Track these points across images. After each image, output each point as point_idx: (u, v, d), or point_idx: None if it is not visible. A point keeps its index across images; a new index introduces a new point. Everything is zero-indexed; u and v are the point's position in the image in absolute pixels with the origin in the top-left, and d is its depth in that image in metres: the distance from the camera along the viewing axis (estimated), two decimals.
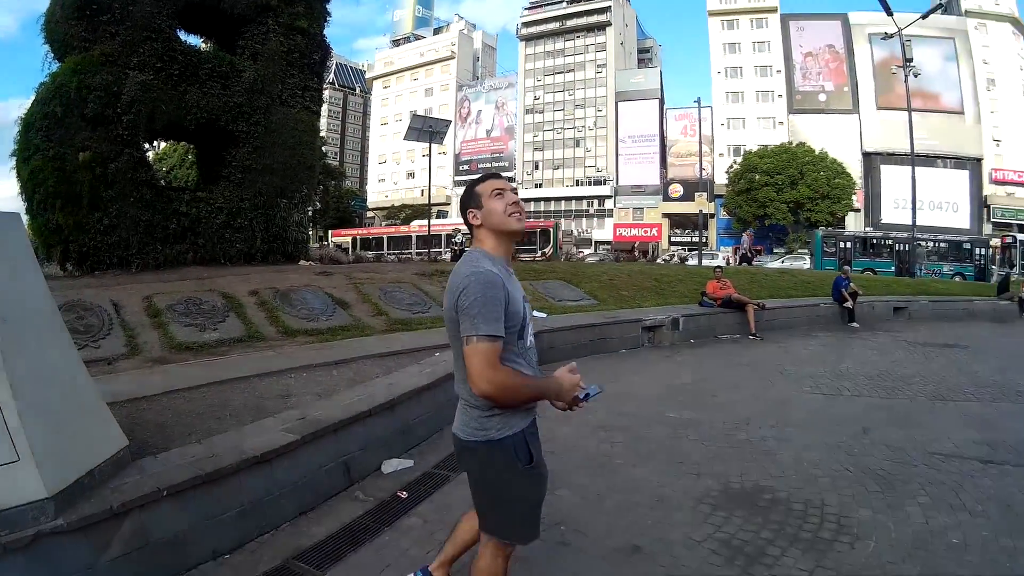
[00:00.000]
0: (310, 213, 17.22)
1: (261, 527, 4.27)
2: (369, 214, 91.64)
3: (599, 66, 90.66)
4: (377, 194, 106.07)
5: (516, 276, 2.87)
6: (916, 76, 37.31)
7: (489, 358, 2.49)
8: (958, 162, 73.73)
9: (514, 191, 2.85)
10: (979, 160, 74.39)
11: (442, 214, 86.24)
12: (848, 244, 44.71)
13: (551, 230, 43.16)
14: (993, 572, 3.96)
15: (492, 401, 2.59)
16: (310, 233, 22.78)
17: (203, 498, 3.91)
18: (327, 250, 32.09)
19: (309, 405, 5.60)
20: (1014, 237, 44.50)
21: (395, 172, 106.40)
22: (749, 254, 35.76)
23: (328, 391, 6.25)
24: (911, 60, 36.36)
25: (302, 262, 15.53)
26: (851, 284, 18.16)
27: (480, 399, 2.63)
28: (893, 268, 42.04)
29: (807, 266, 42.99)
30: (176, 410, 5.43)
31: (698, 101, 54.06)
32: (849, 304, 17.66)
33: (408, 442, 6.11)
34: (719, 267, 17.68)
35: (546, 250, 36.77)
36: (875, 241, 45.19)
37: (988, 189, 73.86)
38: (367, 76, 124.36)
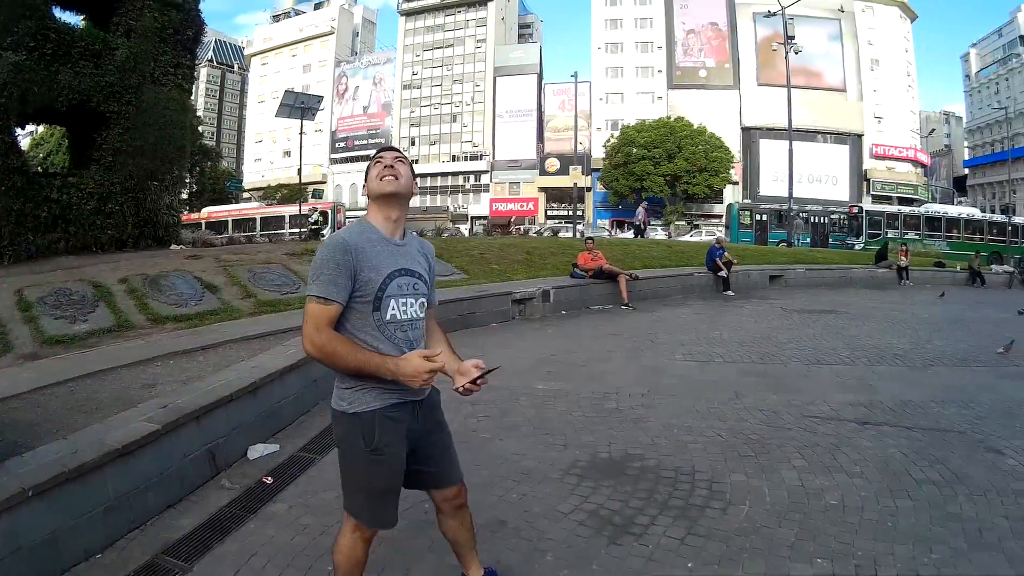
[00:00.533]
0: (185, 196, 16.84)
1: (130, 522, 4.18)
2: (245, 194, 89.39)
3: (479, 41, 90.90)
4: (253, 174, 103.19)
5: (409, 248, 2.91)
6: (797, 53, 38.87)
7: (315, 319, 2.58)
8: (839, 137, 78.24)
9: (399, 158, 2.88)
10: (860, 136, 79.17)
11: (317, 193, 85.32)
12: (764, 217, 45.69)
13: (329, 211, 44.04)
14: (873, 532, 3.96)
15: (320, 363, 2.67)
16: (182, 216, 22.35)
17: (69, 496, 3.79)
18: (200, 233, 31.39)
19: (174, 393, 5.47)
20: (860, 208, 45.91)
21: (271, 151, 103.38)
22: (643, 226, 36.31)
23: (194, 378, 6.12)
24: (793, 38, 38.06)
25: (173, 246, 15.29)
26: (726, 253, 18.52)
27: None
28: (809, 240, 43.28)
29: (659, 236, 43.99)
30: (45, 407, 5.31)
31: (574, 76, 54.85)
32: (723, 273, 18.00)
33: (274, 425, 6.04)
34: (590, 238, 17.66)
35: (324, 231, 37.67)
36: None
37: (868, 163, 78.92)
38: (246, 53, 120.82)
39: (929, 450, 5.37)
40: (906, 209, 50.39)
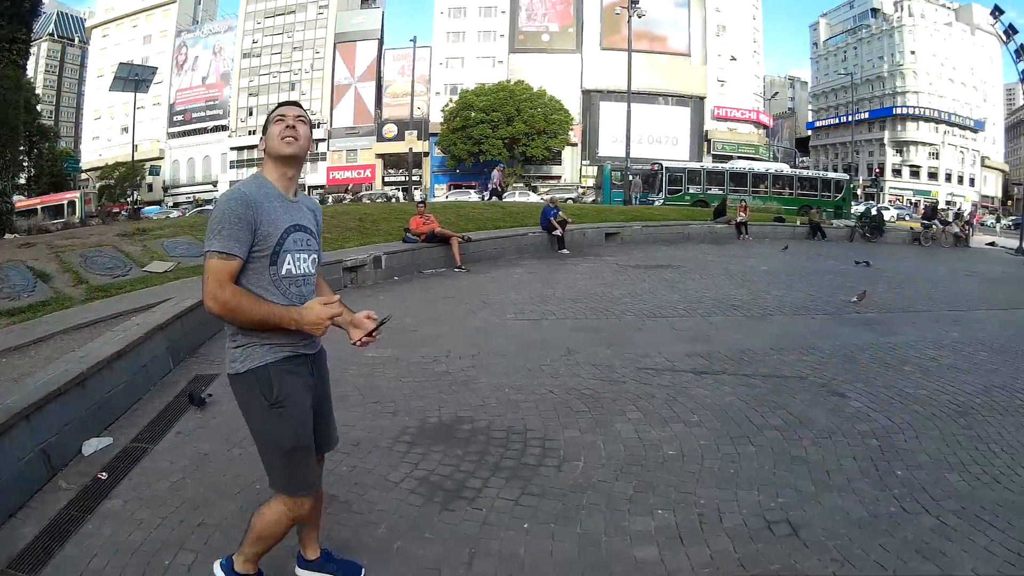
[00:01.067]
0: (22, 180, 16.15)
1: None
2: (84, 175, 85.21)
3: (321, 7, 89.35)
4: (92, 153, 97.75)
5: (302, 206, 2.92)
6: (640, 17, 39.91)
7: (217, 275, 2.53)
8: (681, 100, 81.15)
9: (301, 117, 2.83)
10: (702, 98, 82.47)
11: (155, 170, 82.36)
12: (636, 178, 45.88)
13: (77, 200, 42.95)
14: (715, 480, 4.00)
15: (221, 319, 2.64)
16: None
17: None
18: (36, 220, 31.22)
19: (4, 393, 5.04)
20: (660, 165, 46.29)
21: (110, 128, 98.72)
22: (500, 188, 36.37)
23: (26, 375, 5.70)
24: (637, 2, 39.09)
25: (7, 235, 14.50)
26: (560, 213, 18.70)
27: (230, 329, 2.72)
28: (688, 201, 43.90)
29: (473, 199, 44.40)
30: None
31: (413, 40, 55.02)
32: (558, 232, 18.13)
33: (106, 417, 5.70)
34: (422, 202, 17.50)
35: (72, 219, 36.69)
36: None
37: (710, 124, 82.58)
38: (87, 24, 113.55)
39: (770, 396, 5.45)
40: (708, 165, 52.57)
